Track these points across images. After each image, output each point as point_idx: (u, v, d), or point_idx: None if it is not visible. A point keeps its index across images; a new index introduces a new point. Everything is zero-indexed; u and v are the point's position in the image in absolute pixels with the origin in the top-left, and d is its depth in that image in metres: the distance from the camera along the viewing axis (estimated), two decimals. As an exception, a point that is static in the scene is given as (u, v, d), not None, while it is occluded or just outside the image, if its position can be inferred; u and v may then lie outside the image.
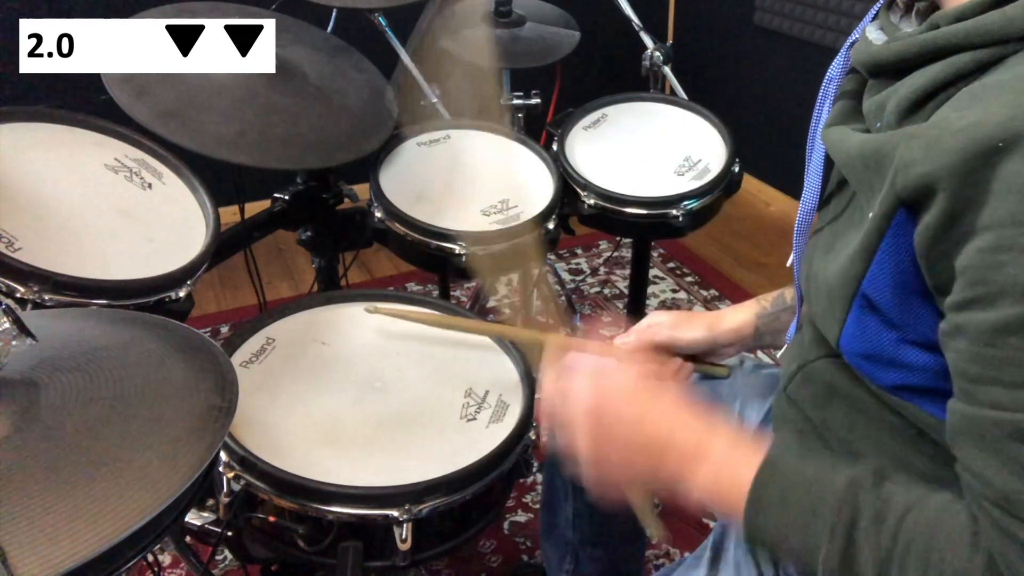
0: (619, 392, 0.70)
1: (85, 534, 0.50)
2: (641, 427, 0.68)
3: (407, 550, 0.81)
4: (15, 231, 0.88)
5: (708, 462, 0.64)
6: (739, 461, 0.63)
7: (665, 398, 0.70)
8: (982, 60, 0.53)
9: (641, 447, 0.67)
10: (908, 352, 0.62)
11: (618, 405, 0.69)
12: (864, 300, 0.64)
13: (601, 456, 0.68)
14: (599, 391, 0.70)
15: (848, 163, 0.62)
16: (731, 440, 0.66)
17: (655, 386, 0.71)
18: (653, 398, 0.70)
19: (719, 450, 0.65)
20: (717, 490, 0.64)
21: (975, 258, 0.50)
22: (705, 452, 0.65)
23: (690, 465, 0.65)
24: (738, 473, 0.62)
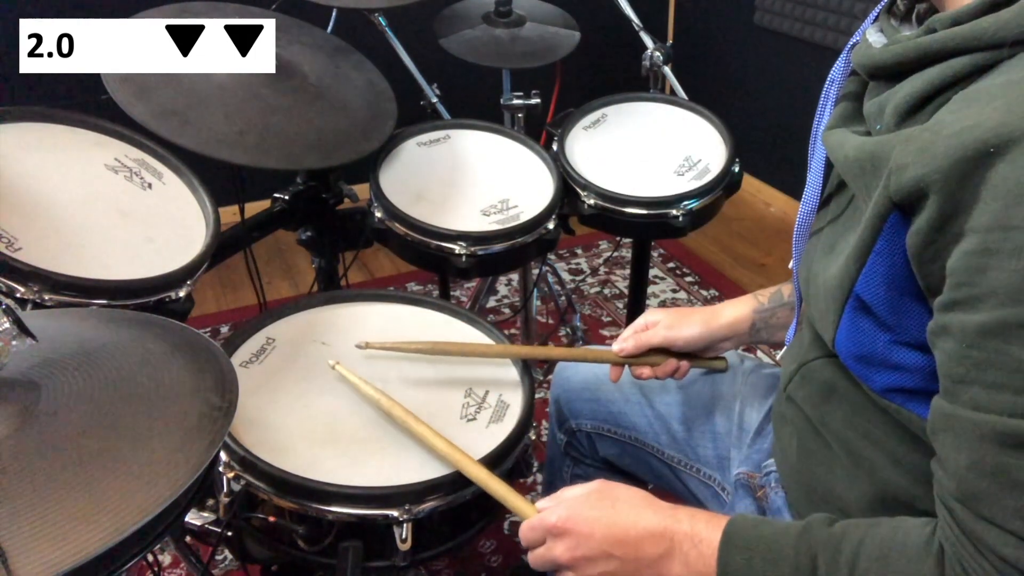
0: (582, 501, 0.73)
1: (85, 534, 0.50)
2: (611, 522, 0.71)
3: (407, 550, 0.81)
4: (15, 231, 0.88)
5: (676, 546, 0.68)
6: (704, 538, 0.67)
7: (623, 495, 0.73)
8: (978, 64, 0.54)
9: (617, 541, 0.70)
10: (900, 353, 0.63)
11: (583, 511, 0.72)
12: (858, 301, 0.64)
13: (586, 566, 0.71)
14: (564, 510, 0.72)
15: (846, 166, 0.62)
16: (691, 517, 0.69)
17: (610, 489, 0.74)
18: (612, 498, 0.73)
19: (683, 528, 0.69)
20: (690, 571, 0.67)
21: (962, 260, 0.51)
22: (671, 533, 0.69)
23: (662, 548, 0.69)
24: (704, 552, 0.67)
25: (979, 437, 0.52)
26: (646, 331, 0.99)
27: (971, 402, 0.53)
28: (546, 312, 2.33)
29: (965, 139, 0.50)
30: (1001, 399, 0.51)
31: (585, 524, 0.71)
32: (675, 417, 1.05)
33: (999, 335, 0.50)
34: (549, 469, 1.23)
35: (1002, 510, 0.52)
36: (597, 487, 0.74)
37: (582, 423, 1.13)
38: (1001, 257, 0.49)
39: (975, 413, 0.52)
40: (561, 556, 0.71)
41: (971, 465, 0.53)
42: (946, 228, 0.52)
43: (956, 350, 0.53)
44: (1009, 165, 0.48)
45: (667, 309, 1.01)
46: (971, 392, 0.53)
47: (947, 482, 0.56)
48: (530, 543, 0.75)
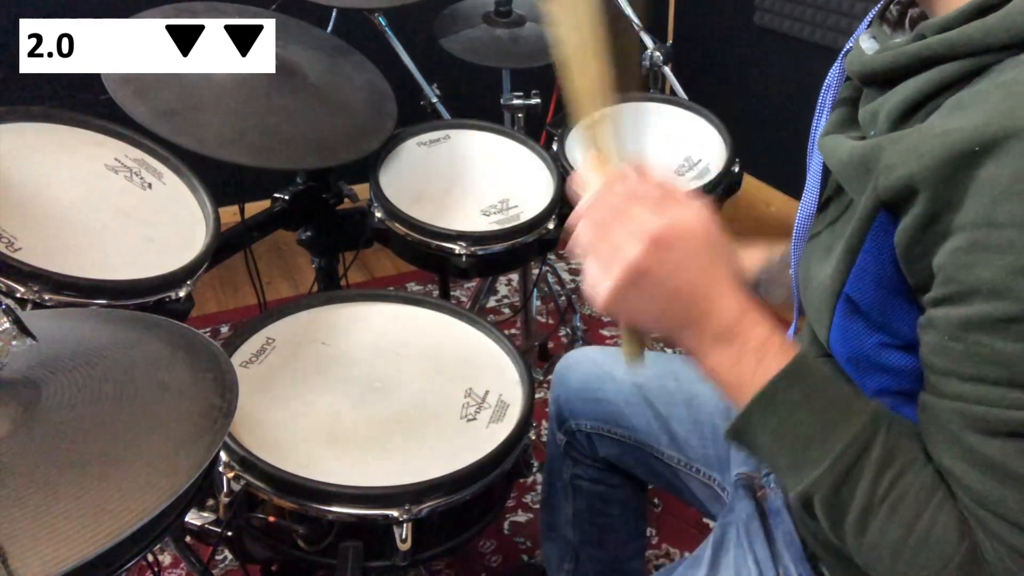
0: (692, 230, 0.59)
1: (85, 534, 0.50)
2: (697, 277, 0.59)
3: (407, 550, 0.81)
4: (15, 231, 0.88)
5: (736, 343, 0.59)
6: (766, 355, 0.59)
7: (730, 262, 0.61)
8: (967, 69, 0.54)
9: (686, 296, 0.59)
10: (891, 355, 0.63)
11: (687, 243, 0.59)
12: (848, 302, 0.64)
13: (636, 287, 0.58)
14: (671, 220, 0.58)
15: (841, 170, 0.63)
16: (768, 331, 0.60)
17: (724, 242, 0.61)
18: (720, 254, 0.60)
19: (753, 337, 0.59)
20: (733, 371, 0.60)
21: (949, 257, 0.52)
22: (737, 333, 0.59)
23: (717, 336, 0.60)
24: (763, 365, 0.59)
25: (963, 428, 0.53)
26: None
27: (953, 393, 0.53)
28: (546, 312, 2.33)
29: (953, 138, 0.50)
30: (982, 391, 0.51)
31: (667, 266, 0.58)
32: (675, 417, 1.05)
33: (982, 328, 0.51)
34: (549, 469, 1.23)
35: (999, 501, 0.52)
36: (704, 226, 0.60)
37: (582, 423, 1.13)
38: (987, 253, 0.49)
39: (958, 404, 0.53)
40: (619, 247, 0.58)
41: (960, 457, 0.53)
42: (934, 226, 0.53)
43: (939, 343, 0.54)
44: (996, 163, 0.49)
45: None
46: (951, 384, 0.53)
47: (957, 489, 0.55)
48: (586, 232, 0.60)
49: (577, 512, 1.18)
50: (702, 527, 1.59)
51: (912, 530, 0.54)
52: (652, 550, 1.58)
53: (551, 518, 1.23)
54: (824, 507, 0.58)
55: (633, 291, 0.58)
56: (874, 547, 0.56)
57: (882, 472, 0.55)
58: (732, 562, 0.83)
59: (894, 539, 0.55)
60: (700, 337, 0.61)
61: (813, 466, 0.57)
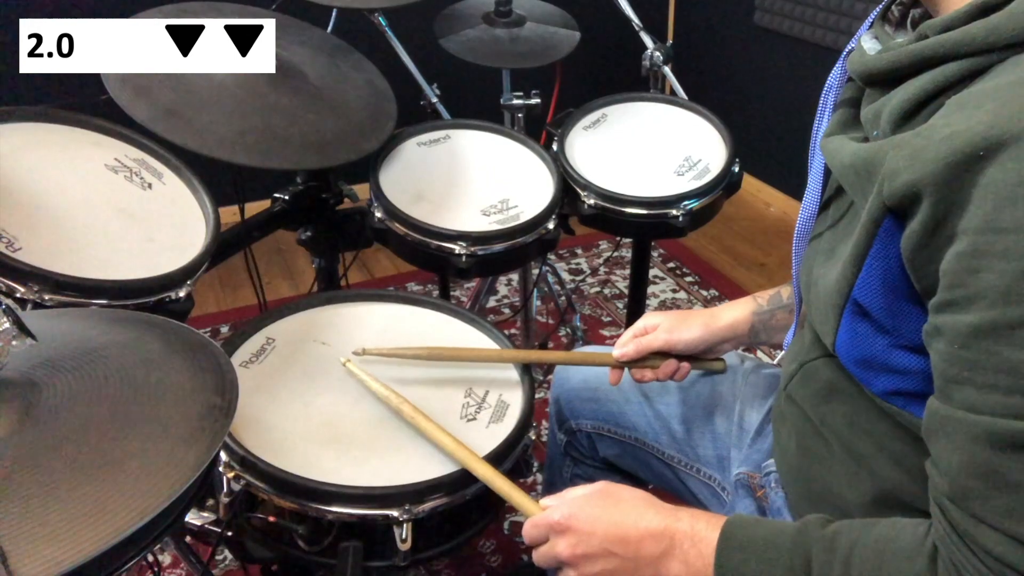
0: (584, 500, 0.74)
1: (85, 534, 0.50)
2: (613, 521, 0.71)
3: (407, 550, 0.81)
4: (15, 231, 0.88)
5: (676, 545, 0.69)
6: (703, 538, 0.68)
7: (625, 495, 0.74)
8: (970, 69, 0.54)
9: (619, 539, 0.70)
10: (900, 356, 0.63)
11: (586, 510, 0.73)
12: (856, 306, 0.65)
13: (587, 564, 0.71)
14: (567, 508, 0.73)
15: (843, 172, 0.63)
16: (691, 517, 0.70)
17: (613, 489, 0.75)
18: (616, 498, 0.74)
19: (683, 528, 0.69)
20: (689, 570, 0.68)
21: (954, 262, 0.52)
22: (672, 532, 0.69)
23: (662, 547, 0.69)
24: (703, 551, 0.67)
25: (971, 437, 0.52)
26: (646, 335, 0.99)
27: (963, 402, 0.53)
28: (546, 312, 2.33)
29: (956, 143, 0.50)
30: (993, 399, 0.51)
31: (587, 522, 0.71)
32: (675, 417, 1.05)
33: (990, 336, 0.50)
34: (549, 469, 1.23)
35: (993, 509, 0.52)
36: (601, 487, 0.75)
37: (582, 423, 1.13)
38: (991, 259, 0.49)
39: (967, 414, 0.53)
40: (563, 553, 0.72)
41: (963, 465, 0.53)
42: (939, 231, 0.53)
43: (948, 351, 0.54)
44: (999, 167, 0.49)
45: (666, 312, 1.01)
46: (963, 392, 0.53)
47: (940, 482, 0.56)
48: (533, 540, 0.75)
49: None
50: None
51: None
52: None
53: (551, 518, 1.23)
54: None
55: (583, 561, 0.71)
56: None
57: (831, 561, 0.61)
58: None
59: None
60: (654, 566, 0.69)
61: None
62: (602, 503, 0.73)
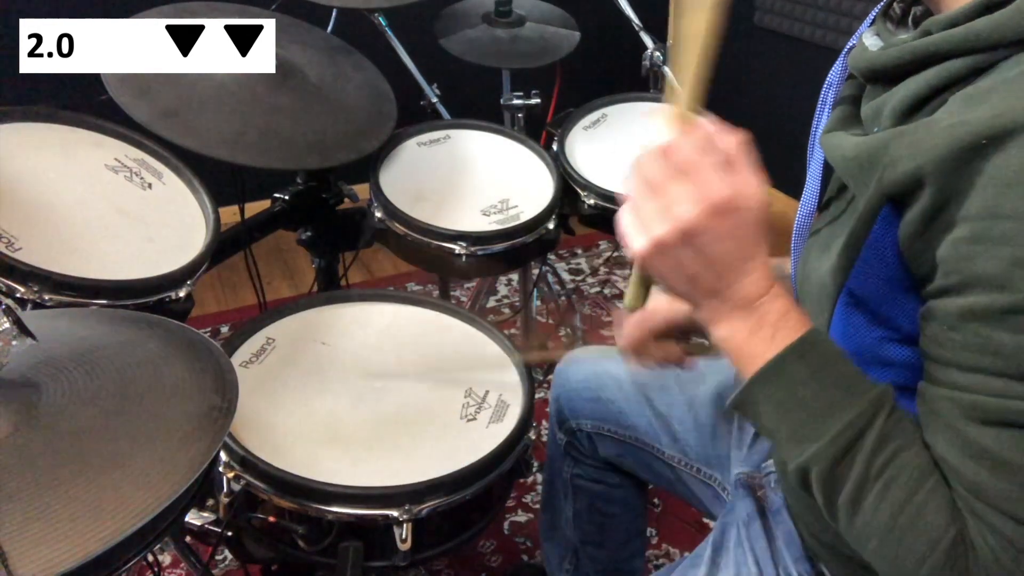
0: (749, 205, 0.57)
1: (85, 534, 0.50)
2: (739, 250, 0.58)
3: (407, 550, 0.81)
4: (15, 231, 0.88)
5: (755, 315, 0.59)
6: (780, 330, 0.59)
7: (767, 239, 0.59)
8: (974, 66, 0.54)
9: (723, 265, 0.58)
10: (892, 349, 0.63)
11: (741, 216, 0.57)
12: (850, 296, 0.65)
13: (680, 246, 0.57)
14: (733, 190, 0.57)
15: (844, 166, 0.63)
16: (787, 307, 0.60)
17: (767, 220, 0.59)
18: (764, 232, 0.58)
19: (772, 311, 0.59)
20: (747, 342, 0.60)
21: (951, 248, 0.52)
22: (758, 306, 0.59)
23: (738, 306, 0.59)
24: (776, 341, 0.59)
25: (959, 417, 0.53)
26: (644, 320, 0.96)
27: (951, 383, 0.54)
28: (546, 312, 2.33)
29: (961, 131, 0.50)
30: (978, 380, 0.52)
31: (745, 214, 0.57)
32: (675, 417, 1.05)
33: (982, 319, 0.51)
34: (549, 469, 1.23)
35: (993, 492, 0.52)
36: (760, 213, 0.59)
37: (582, 423, 1.13)
38: (989, 244, 0.50)
39: (955, 393, 0.53)
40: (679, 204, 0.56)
41: (956, 446, 0.54)
42: (938, 217, 0.53)
43: (938, 333, 0.54)
44: (1003, 155, 0.49)
45: None
46: (949, 373, 0.54)
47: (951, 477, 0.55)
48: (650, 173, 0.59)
49: (577, 512, 1.18)
50: (702, 527, 1.59)
51: (902, 510, 0.55)
52: (652, 550, 1.58)
53: (551, 518, 1.23)
54: (820, 482, 0.58)
55: (674, 250, 0.57)
56: (865, 524, 0.57)
57: (878, 451, 0.55)
58: (732, 562, 0.83)
59: (885, 518, 0.55)
60: (721, 305, 0.60)
61: (812, 440, 0.57)
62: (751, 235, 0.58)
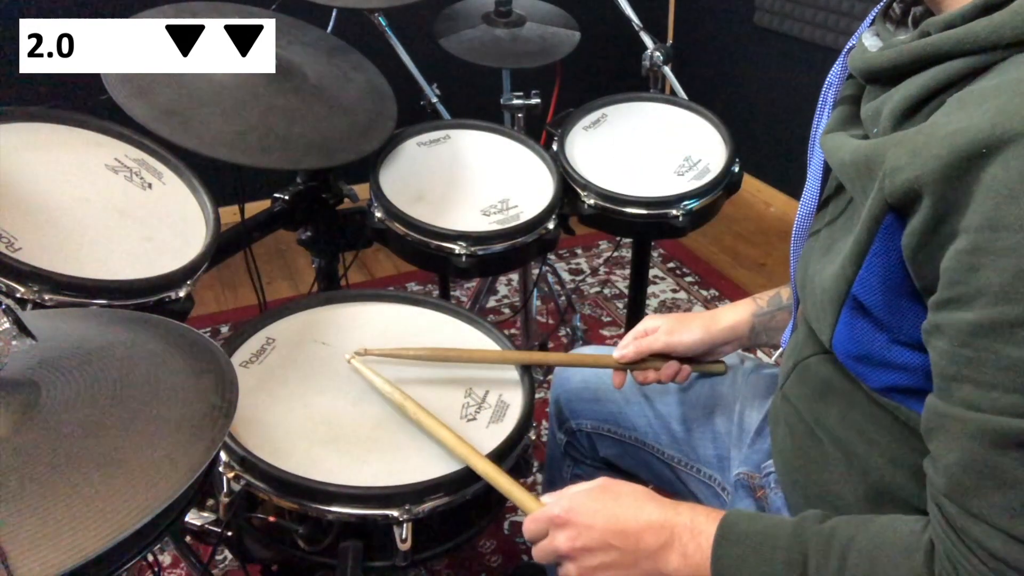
0: (584, 494, 0.74)
1: (85, 534, 0.50)
2: (613, 514, 0.71)
3: (407, 550, 0.81)
4: (15, 231, 0.88)
5: (676, 538, 0.69)
6: (702, 531, 0.68)
7: (625, 490, 0.74)
8: (972, 67, 0.54)
9: (618, 532, 0.70)
10: (898, 353, 0.63)
11: (586, 503, 0.73)
12: (855, 302, 0.64)
13: (586, 557, 0.71)
14: (567, 502, 0.73)
15: (843, 169, 0.63)
16: (691, 511, 0.70)
17: (613, 484, 0.75)
18: (615, 493, 0.74)
19: (683, 521, 0.69)
20: (688, 563, 0.68)
21: (954, 260, 0.52)
22: (671, 525, 0.69)
23: (662, 539, 0.69)
24: (702, 544, 0.67)
25: (970, 435, 0.53)
26: (646, 337, 0.99)
27: (963, 400, 0.53)
28: (546, 312, 2.33)
29: (958, 140, 0.50)
30: (992, 397, 0.51)
31: (587, 515, 0.72)
32: (675, 417, 1.05)
33: (990, 334, 0.50)
34: (549, 469, 1.23)
35: (991, 507, 0.52)
36: (601, 483, 0.75)
37: (582, 423, 1.13)
38: (992, 256, 0.49)
39: (966, 411, 0.53)
40: (563, 546, 0.72)
41: (961, 462, 0.53)
42: (940, 228, 0.52)
43: (948, 348, 0.54)
44: (1001, 165, 0.48)
45: (667, 315, 1.01)
46: (963, 390, 0.53)
47: (938, 479, 0.56)
48: (533, 535, 0.76)
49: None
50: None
51: None
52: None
53: (551, 518, 1.23)
54: None
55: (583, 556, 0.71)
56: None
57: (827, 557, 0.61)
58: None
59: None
60: (653, 559, 0.69)
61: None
62: (601, 497, 0.73)
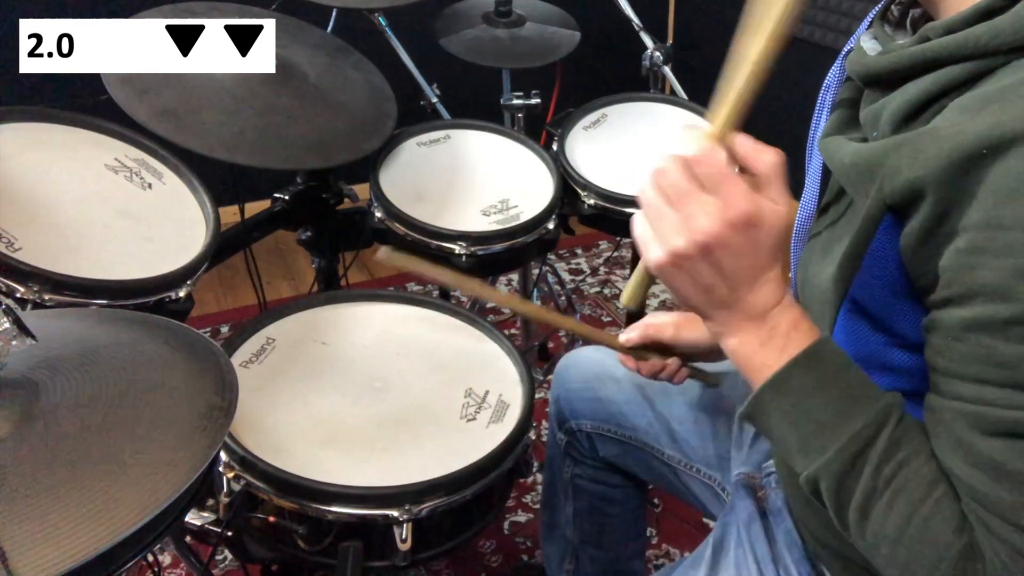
0: (771, 222, 0.58)
1: (85, 534, 0.50)
2: (755, 264, 0.58)
3: (407, 550, 0.81)
4: (15, 231, 0.88)
5: (766, 325, 0.60)
6: (791, 341, 0.59)
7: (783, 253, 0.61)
8: (973, 72, 0.54)
9: (737, 278, 0.58)
10: (896, 355, 0.63)
11: (761, 232, 0.57)
12: (853, 303, 0.64)
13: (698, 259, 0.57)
14: (756, 206, 0.57)
15: (843, 172, 0.63)
16: (798, 317, 0.61)
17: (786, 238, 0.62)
18: (780, 249, 0.59)
19: (783, 322, 0.60)
20: (758, 352, 0.60)
21: (953, 259, 0.52)
22: (769, 316, 0.60)
23: (750, 316, 0.60)
24: (787, 351, 0.59)
25: (965, 428, 0.53)
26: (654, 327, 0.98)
27: (955, 393, 0.54)
28: (546, 312, 2.33)
29: (960, 140, 0.50)
30: (985, 392, 0.52)
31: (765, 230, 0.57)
32: (675, 417, 1.05)
33: (984, 330, 0.51)
34: (549, 469, 1.23)
35: (1000, 502, 0.52)
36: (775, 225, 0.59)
37: (582, 423, 1.13)
38: (990, 255, 0.49)
39: (961, 404, 0.53)
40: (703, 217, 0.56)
41: (962, 457, 0.54)
42: (940, 228, 0.53)
43: (942, 344, 0.54)
44: (1002, 166, 0.49)
45: (679, 312, 1.01)
46: (955, 384, 0.54)
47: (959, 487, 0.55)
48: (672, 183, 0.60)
49: (577, 512, 1.18)
50: (702, 527, 1.59)
51: (910, 521, 0.55)
52: (652, 550, 1.58)
53: (551, 518, 1.23)
54: (830, 492, 0.58)
55: (691, 263, 0.57)
56: (875, 535, 0.57)
57: (885, 462, 0.56)
58: (732, 562, 0.83)
59: (893, 528, 0.55)
60: (732, 316, 0.61)
61: (821, 451, 0.58)
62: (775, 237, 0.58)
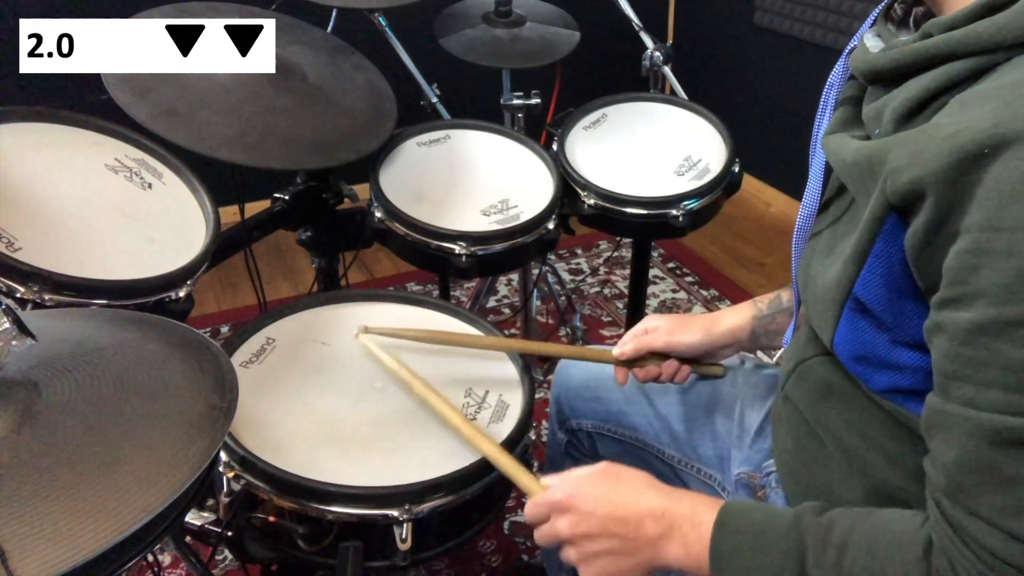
0: (586, 480, 0.74)
1: (85, 534, 0.50)
2: (613, 501, 0.72)
3: (407, 550, 0.81)
4: (15, 231, 0.88)
5: (673, 527, 0.69)
6: (702, 521, 0.68)
7: (626, 476, 0.75)
8: (974, 68, 0.54)
9: (618, 519, 0.71)
10: (900, 353, 0.63)
11: (587, 489, 0.73)
12: (856, 303, 0.64)
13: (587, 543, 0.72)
14: (569, 487, 0.74)
15: (845, 170, 0.63)
16: (692, 500, 0.70)
17: (615, 470, 0.75)
18: (616, 478, 0.74)
19: (683, 511, 0.70)
20: (688, 553, 0.68)
21: (956, 259, 0.52)
22: (672, 514, 0.69)
23: (662, 528, 0.69)
24: (702, 534, 0.67)
25: (970, 433, 0.53)
26: (646, 335, 0.99)
27: (962, 399, 0.53)
28: (546, 312, 2.33)
29: (960, 141, 0.50)
30: (992, 396, 0.51)
31: (588, 502, 0.72)
32: (676, 417, 1.05)
33: (990, 333, 0.51)
34: (549, 469, 1.23)
35: (989, 505, 0.52)
36: (603, 467, 0.76)
37: (583, 422, 1.13)
38: (992, 256, 0.49)
39: (966, 409, 0.53)
40: (563, 531, 0.73)
41: (960, 461, 0.54)
42: (942, 229, 0.53)
43: (948, 347, 0.54)
44: (1002, 166, 0.48)
45: (668, 316, 1.01)
46: (963, 389, 0.53)
47: (936, 478, 0.56)
48: (535, 519, 0.76)
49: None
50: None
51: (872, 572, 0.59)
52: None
53: (551, 518, 1.23)
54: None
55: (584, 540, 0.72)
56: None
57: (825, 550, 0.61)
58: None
59: None
60: (653, 547, 0.70)
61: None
62: (603, 483, 0.74)
